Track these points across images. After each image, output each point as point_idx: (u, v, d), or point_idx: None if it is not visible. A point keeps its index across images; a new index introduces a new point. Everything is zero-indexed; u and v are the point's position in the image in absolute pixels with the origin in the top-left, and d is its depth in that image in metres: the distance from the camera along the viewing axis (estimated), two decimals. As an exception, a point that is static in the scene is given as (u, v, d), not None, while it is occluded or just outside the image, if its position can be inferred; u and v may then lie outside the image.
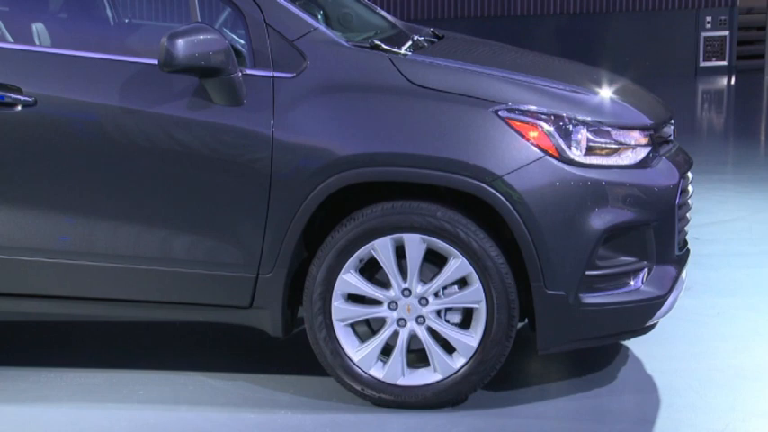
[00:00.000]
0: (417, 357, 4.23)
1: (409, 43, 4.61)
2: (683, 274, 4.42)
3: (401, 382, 4.21)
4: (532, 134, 4.05)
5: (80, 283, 4.32)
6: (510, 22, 15.54)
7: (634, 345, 4.83)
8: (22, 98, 4.18)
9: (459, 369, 4.17)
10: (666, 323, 4.63)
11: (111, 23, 5.31)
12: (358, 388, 4.23)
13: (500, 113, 4.07)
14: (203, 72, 4.04)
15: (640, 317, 4.25)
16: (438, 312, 4.17)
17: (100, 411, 4.29)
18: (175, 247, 4.24)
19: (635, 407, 4.32)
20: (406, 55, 4.30)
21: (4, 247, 4.30)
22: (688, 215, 4.47)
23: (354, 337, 4.24)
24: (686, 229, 4.49)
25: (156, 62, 4.06)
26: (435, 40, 5.01)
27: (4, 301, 4.44)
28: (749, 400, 4.33)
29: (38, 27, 4.61)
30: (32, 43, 4.55)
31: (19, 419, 4.23)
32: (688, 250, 4.53)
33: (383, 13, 5.34)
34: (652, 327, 4.38)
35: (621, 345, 4.83)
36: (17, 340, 5.20)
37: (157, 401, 4.36)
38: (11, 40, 4.47)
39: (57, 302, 4.42)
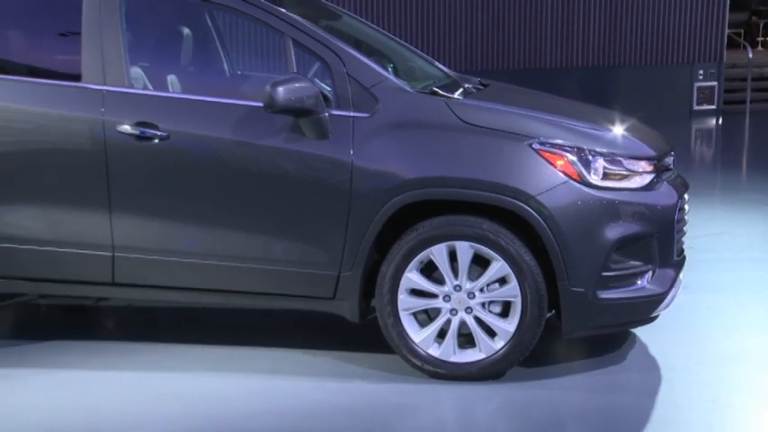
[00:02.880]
0: (466, 340, 4.22)
1: (461, 90, 4.61)
2: (681, 276, 4.38)
3: (453, 359, 4.20)
4: (559, 162, 4.04)
5: (203, 278, 4.36)
6: (541, 74, 15.42)
7: (640, 332, 4.77)
8: (158, 133, 4.25)
9: (500, 350, 4.15)
10: (667, 315, 4.57)
11: (227, 75, 5.37)
12: (418, 364, 4.23)
13: (533, 146, 4.06)
14: (298, 112, 4.08)
15: (645, 310, 4.21)
16: (483, 304, 4.16)
17: (217, 378, 4.33)
18: (275, 250, 4.27)
19: (641, 382, 4.28)
20: (458, 99, 4.31)
21: (148, 249, 4.35)
22: (684, 228, 4.43)
23: (416, 323, 4.24)
24: (683, 239, 4.45)
25: (261, 105, 4.10)
26: (482, 87, 5.00)
27: (149, 292, 4.48)
28: (734, 378, 4.27)
29: (171, 77, 4.68)
30: (167, 90, 4.61)
31: (155, 383, 4.29)
32: (684, 256, 4.49)
33: (440, 65, 5.34)
34: (655, 318, 4.34)
35: (630, 332, 4.77)
36: (154, 322, 5.26)
37: (261, 371, 4.39)
38: (150, 88, 4.54)
39: (186, 293, 4.46)
